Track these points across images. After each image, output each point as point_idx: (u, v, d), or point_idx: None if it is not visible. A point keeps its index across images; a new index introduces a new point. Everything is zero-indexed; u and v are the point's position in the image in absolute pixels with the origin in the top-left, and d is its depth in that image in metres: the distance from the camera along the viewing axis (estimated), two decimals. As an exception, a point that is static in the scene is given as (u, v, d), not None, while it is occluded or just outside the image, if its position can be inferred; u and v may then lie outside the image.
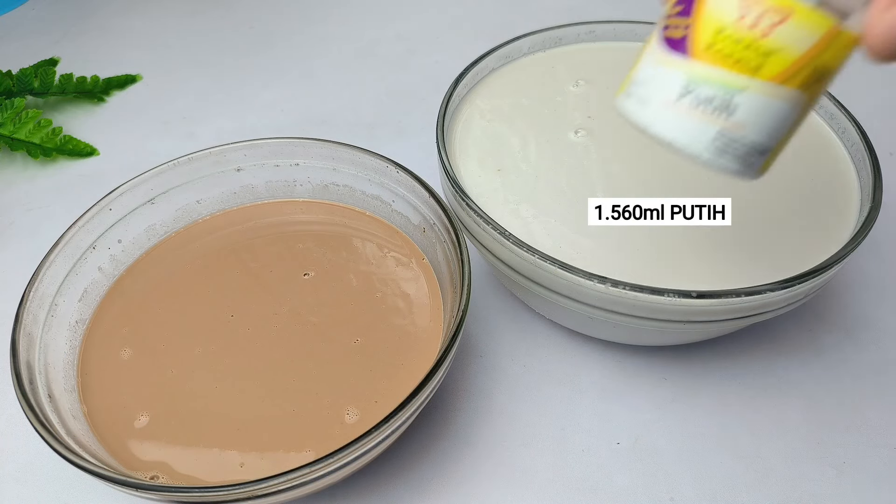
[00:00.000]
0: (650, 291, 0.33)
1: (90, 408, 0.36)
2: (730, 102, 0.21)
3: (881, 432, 0.39)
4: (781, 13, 0.20)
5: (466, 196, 0.38)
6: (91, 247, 0.40)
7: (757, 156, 0.23)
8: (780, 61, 0.21)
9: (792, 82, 0.21)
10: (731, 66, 0.21)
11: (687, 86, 0.21)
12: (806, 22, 0.20)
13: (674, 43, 0.22)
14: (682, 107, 0.22)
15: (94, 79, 0.64)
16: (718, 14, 0.21)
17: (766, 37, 0.20)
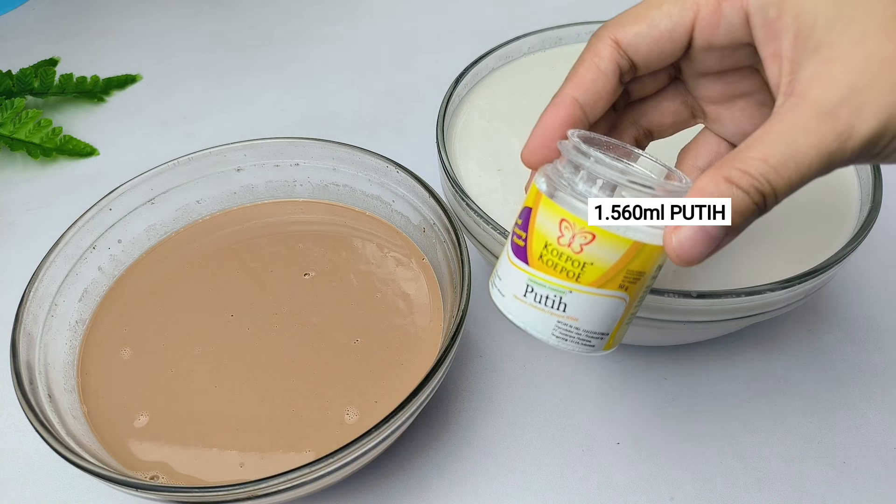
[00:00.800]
0: (651, 292, 0.33)
1: (90, 408, 0.36)
2: (561, 301, 0.26)
3: (881, 432, 0.39)
4: (588, 236, 0.24)
5: (466, 196, 0.38)
6: (91, 247, 0.40)
7: (596, 339, 0.27)
8: (593, 271, 0.25)
9: (608, 286, 0.25)
10: (557, 273, 0.25)
11: (529, 286, 0.26)
12: (608, 243, 0.24)
13: (517, 250, 0.27)
14: (528, 301, 0.26)
15: (94, 79, 0.64)
16: (543, 232, 0.25)
17: (579, 254, 0.25)
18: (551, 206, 0.25)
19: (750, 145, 0.23)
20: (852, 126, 0.22)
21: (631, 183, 0.24)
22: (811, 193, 0.40)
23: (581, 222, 0.24)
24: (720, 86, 0.28)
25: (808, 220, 0.38)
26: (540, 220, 0.26)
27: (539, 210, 0.26)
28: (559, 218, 0.25)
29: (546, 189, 0.26)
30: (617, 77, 0.27)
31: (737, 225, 0.23)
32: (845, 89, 0.22)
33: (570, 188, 0.25)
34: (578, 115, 0.27)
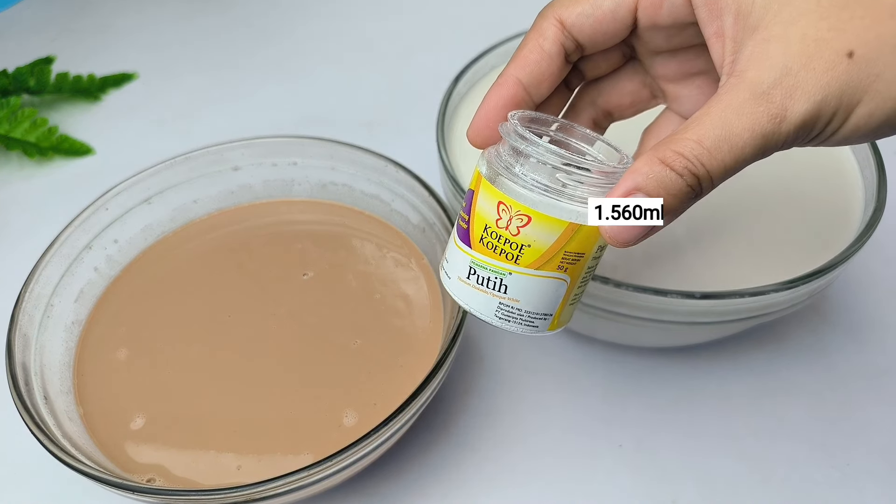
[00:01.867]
0: (653, 292, 0.32)
1: (86, 409, 0.36)
2: (501, 283, 0.26)
3: (885, 434, 0.39)
4: (523, 218, 0.25)
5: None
6: (87, 247, 0.40)
7: (539, 320, 0.27)
8: (531, 253, 0.25)
9: (547, 268, 0.26)
10: (497, 256, 0.26)
11: (471, 268, 0.27)
12: (544, 224, 0.24)
13: (461, 233, 0.27)
14: (471, 283, 0.27)
15: (91, 77, 0.64)
16: (483, 215, 0.26)
17: (516, 236, 0.25)
18: (490, 190, 0.25)
19: (687, 126, 0.22)
20: (785, 108, 0.21)
21: (566, 165, 0.24)
22: (815, 193, 0.40)
23: (517, 205, 0.25)
24: (675, 64, 0.28)
25: (813, 220, 0.38)
26: (480, 203, 0.26)
27: (479, 193, 0.26)
28: (497, 201, 0.25)
29: (486, 172, 0.26)
30: (562, 57, 0.27)
31: (672, 208, 0.23)
32: (779, 70, 0.21)
33: (507, 171, 0.25)
34: (522, 95, 0.27)
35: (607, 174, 0.25)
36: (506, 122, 0.26)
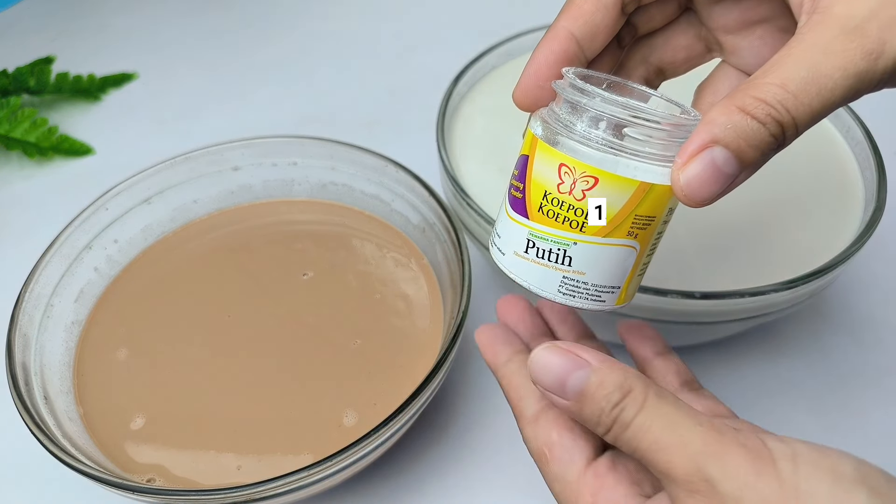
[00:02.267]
0: (653, 292, 0.32)
1: (86, 409, 0.36)
2: (565, 254, 0.24)
3: (886, 434, 0.39)
4: (590, 180, 0.22)
5: (467, 195, 0.37)
6: (87, 247, 0.40)
7: (607, 294, 0.25)
8: None
9: (615, 234, 0.23)
10: (559, 225, 0.23)
11: (530, 241, 0.24)
12: (612, 185, 0.22)
13: (515, 203, 0.25)
14: (530, 258, 0.24)
15: (91, 77, 0.64)
16: (542, 181, 0.23)
17: (582, 200, 0.23)
18: (549, 152, 0.23)
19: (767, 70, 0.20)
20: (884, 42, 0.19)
21: (634, 118, 0.22)
22: (815, 193, 0.40)
23: (582, 165, 0.22)
24: (737, 12, 0.26)
25: (813, 220, 0.38)
26: (537, 167, 0.23)
27: (536, 157, 0.23)
28: (558, 163, 0.23)
29: (542, 133, 0.23)
30: (618, 7, 0.24)
31: (751, 161, 0.21)
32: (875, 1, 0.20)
33: (567, 130, 0.23)
34: (574, 50, 0.25)
35: (679, 126, 0.22)
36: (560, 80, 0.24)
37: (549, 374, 0.23)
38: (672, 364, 0.28)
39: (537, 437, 0.25)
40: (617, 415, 0.22)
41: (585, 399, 0.22)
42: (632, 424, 0.21)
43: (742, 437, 0.21)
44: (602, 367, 0.23)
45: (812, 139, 0.43)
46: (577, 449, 0.24)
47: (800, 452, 0.20)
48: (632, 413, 0.22)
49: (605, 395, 0.22)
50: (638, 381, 0.22)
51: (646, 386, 0.22)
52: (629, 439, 0.22)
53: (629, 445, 0.22)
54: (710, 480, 0.20)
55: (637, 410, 0.21)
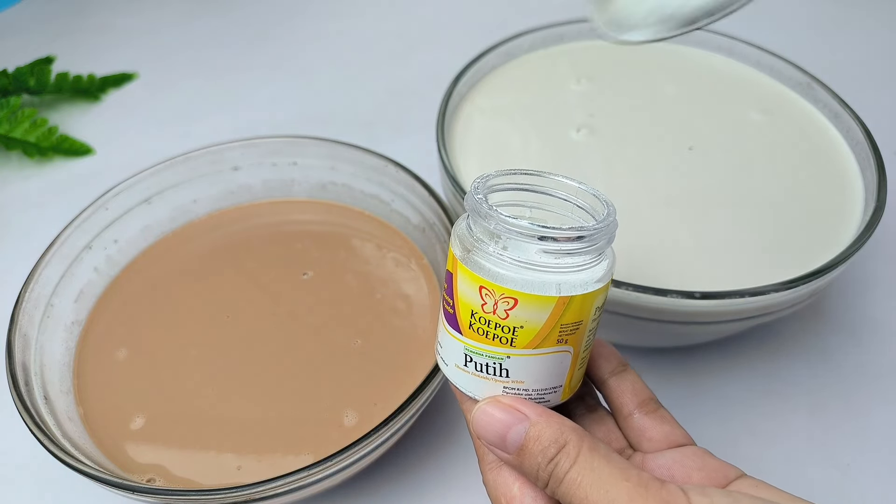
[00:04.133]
0: (653, 292, 0.32)
1: (86, 409, 0.36)
2: (501, 367, 0.24)
3: (886, 434, 0.39)
4: (509, 301, 0.23)
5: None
6: (87, 247, 0.40)
7: (550, 394, 0.25)
8: (525, 334, 0.23)
9: (545, 345, 0.24)
10: (490, 341, 0.24)
11: (467, 355, 0.25)
12: (532, 304, 0.23)
13: (449, 318, 0.25)
14: (470, 371, 0.25)
15: (91, 77, 0.64)
16: (467, 301, 0.24)
17: (506, 319, 0.23)
18: (467, 273, 0.23)
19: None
20: None
21: (542, 238, 0.22)
22: (816, 193, 0.40)
23: (499, 288, 0.23)
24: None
25: (813, 220, 0.38)
26: (461, 288, 0.24)
27: (458, 277, 0.24)
28: (478, 285, 0.23)
29: (460, 254, 0.24)
30: None
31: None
32: None
33: (481, 251, 0.23)
34: None
35: (590, 237, 0.23)
36: (470, 194, 0.24)
37: (490, 430, 0.24)
38: (628, 384, 0.28)
39: (497, 486, 0.25)
40: (552, 469, 0.23)
41: (524, 454, 0.23)
42: (565, 479, 0.22)
43: (665, 491, 0.21)
44: (539, 420, 0.23)
45: (812, 140, 0.43)
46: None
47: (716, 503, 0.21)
48: (565, 468, 0.22)
49: (542, 449, 0.23)
50: (573, 434, 0.23)
51: (580, 439, 0.23)
52: (563, 493, 0.22)
53: (564, 499, 0.23)
54: None
55: (570, 465, 0.22)
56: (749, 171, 0.41)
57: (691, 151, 0.42)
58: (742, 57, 0.48)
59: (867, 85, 0.61)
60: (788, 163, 0.41)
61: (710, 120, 0.44)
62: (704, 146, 0.42)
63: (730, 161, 0.41)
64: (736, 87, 0.47)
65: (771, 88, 0.47)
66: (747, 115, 0.44)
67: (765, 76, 0.47)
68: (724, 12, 0.25)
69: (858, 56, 0.66)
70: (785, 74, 0.46)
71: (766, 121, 0.44)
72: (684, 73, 0.48)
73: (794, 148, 0.42)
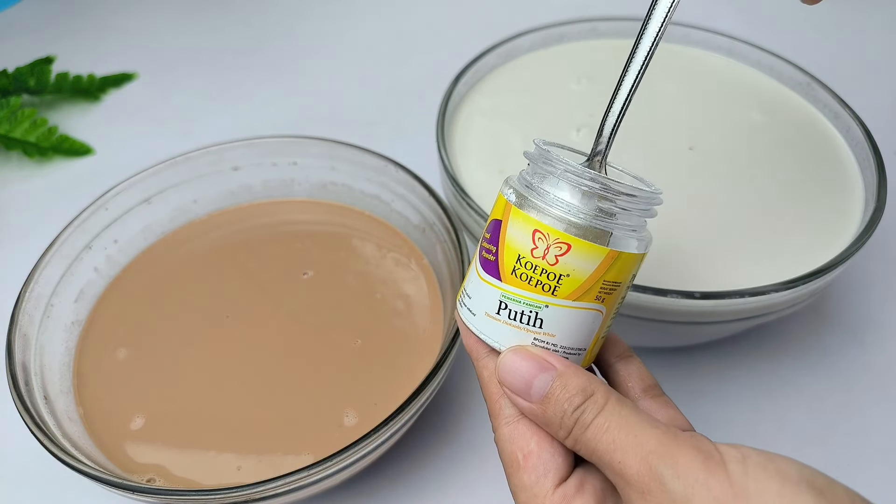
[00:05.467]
0: (653, 292, 0.32)
1: (86, 409, 0.35)
2: (536, 316, 0.25)
3: (886, 434, 0.39)
4: (563, 246, 0.23)
5: (467, 195, 0.37)
6: (87, 247, 0.40)
7: (574, 355, 0.26)
8: (569, 283, 0.24)
9: (585, 298, 0.24)
10: (532, 288, 0.24)
11: (501, 302, 0.25)
12: (584, 252, 0.23)
13: (488, 265, 0.25)
14: (501, 319, 0.25)
15: (91, 77, 0.64)
16: (516, 245, 0.24)
17: (554, 265, 0.24)
18: (523, 217, 0.24)
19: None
20: None
21: (604, 189, 0.24)
22: (815, 193, 0.40)
23: (556, 232, 0.23)
24: None
25: (813, 220, 0.38)
26: (511, 232, 0.24)
27: (510, 222, 0.24)
28: (532, 228, 0.24)
29: (515, 200, 0.25)
30: None
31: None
32: None
33: (541, 198, 0.24)
34: None
35: (644, 199, 0.24)
36: (537, 145, 0.25)
37: (516, 376, 0.24)
38: (634, 368, 0.28)
39: (513, 441, 0.25)
40: (578, 416, 0.23)
41: (549, 401, 0.23)
42: (591, 425, 0.22)
43: (695, 439, 0.22)
44: (567, 371, 0.24)
45: (812, 140, 0.43)
46: (554, 464, 0.24)
47: (749, 455, 0.21)
48: (592, 415, 0.23)
49: (569, 397, 0.23)
50: (601, 386, 0.23)
51: (607, 391, 0.23)
52: (588, 440, 0.22)
53: (588, 447, 0.23)
54: (661, 479, 0.21)
55: (597, 412, 0.23)
56: (749, 171, 0.41)
57: (691, 151, 0.42)
58: (742, 57, 0.48)
59: (867, 85, 0.61)
60: (788, 163, 0.41)
61: (710, 120, 0.44)
62: (704, 146, 0.42)
63: (730, 161, 0.41)
64: (736, 87, 0.47)
65: (771, 88, 0.47)
66: (747, 115, 0.44)
67: (765, 76, 0.47)
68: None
69: (858, 56, 0.66)
70: (785, 74, 0.46)
71: (766, 121, 0.44)
72: (684, 73, 0.48)
73: (794, 148, 0.42)
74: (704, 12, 0.56)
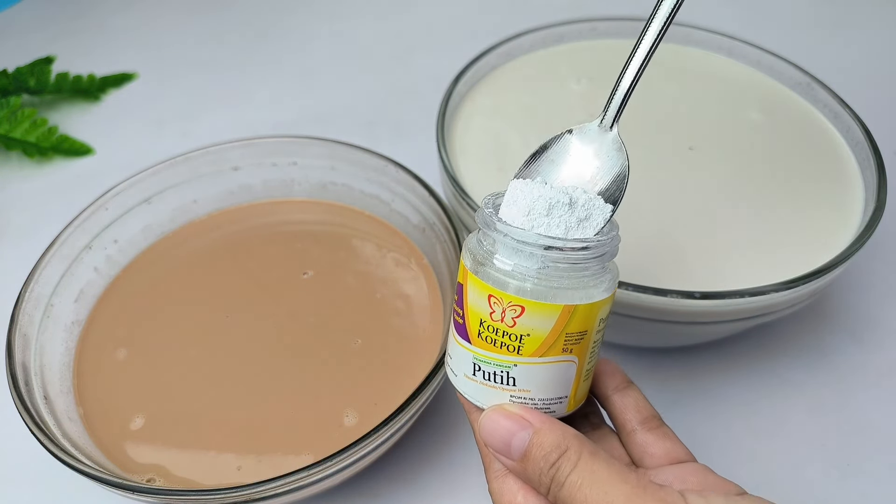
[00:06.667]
0: (653, 292, 0.32)
1: (86, 409, 0.36)
2: (508, 375, 0.25)
3: (885, 434, 0.39)
4: (516, 308, 0.24)
5: (467, 195, 0.37)
6: (87, 247, 0.40)
7: (555, 404, 0.26)
8: (532, 342, 0.24)
9: (551, 353, 0.24)
10: (497, 349, 0.25)
11: (475, 364, 0.25)
12: (538, 312, 0.23)
13: (459, 328, 0.26)
14: (478, 380, 0.26)
15: (91, 77, 0.64)
16: (476, 310, 0.25)
17: (513, 327, 0.24)
18: (477, 283, 0.24)
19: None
20: None
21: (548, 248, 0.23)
22: (815, 193, 0.40)
23: (507, 296, 0.24)
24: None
25: (813, 220, 0.38)
26: (471, 297, 0.25)
27: (468, 286, 0.25)
28: (487, 293, 0.24)
29: (470, 265, 0.25)
30: None
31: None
32: None
33: (490, 261, 0.24)
34: None
35: (597, 249, 0.24)
36: (480, 209, 0.25)
37: (496, 437, 0.24)
38: (630, 400, 0.28)
39: (503, 494, 0.25)
40: (554, 474, 0.23)
41: (528, 459, 0.24)
42: (566, 482, 0.23)
43: (663, 492, 0.22)
44: (542, 427, 0.24)
45: (812, 140, 0.43)
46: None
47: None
48: (566, 472, 0.23)
49: (544, 455, 0.23)
50: (574, 440, 0.24)
51: (580, 445, 0.24)
52: (564, 497, 0.23)
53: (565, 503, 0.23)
54: None
55: (570, 469, 0.23)
56: (749, 171, 0.41)
57: (691, 151, 0.42)
58: (742, 57, 0.48)
59: (867, 85, 0.61)
60: (788, 163, 0.41)
61: (710, 120, 0.44)
62: (704, 146, 0.42)
63: (730, 161, 0.41)
64: (736, 87, 0.47)
65: (771, 88, 0.47)
66: (747, 115, 0.44)
67: (765, 76, 0.47)
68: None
69: (858, 56, 0.66)
70: (785, 74, 0.46)
71: (766, 121, 0.44)
72: (684, 73, 0.48)
73: (794, 148, 0.42)
74: (704, 12, 0.56)
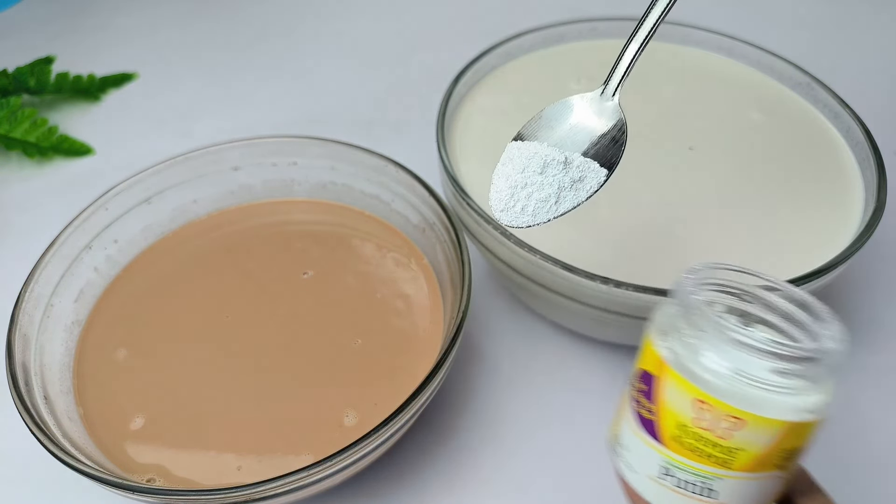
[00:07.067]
0: (653, 292, 0.32)
1: (86, 409, 0.36)
2: (709, 488, 0.22)
3: (886, 434, 0.39)
4: (734, 421, 0.21)
5: (467, 195, 0.37)
6: (87, 247, 0.40)
7: None
8: (745, 457, 0.21)
9: (762, 469, 0.22)
10: (701, 459, 0.22)
11: (666, 468, 0.22)
12: (761, 427, 0.21)
13: (645, 422, 0.23)
14: (667, 485, 0.23)
15: (91, 77, 0.64)
16: (676, 411, 0.21)
17: (727, 439, 0.21)
18: (681, 383, 0.21)
19: None
20: None
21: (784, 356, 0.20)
22: (815, 193, 0.40)
23: (724, 406, 0.20)
24: None
25: (813, 220, 0.38)
26: (669, 395, 0.21)
27: (666, 384, 0.22)
28: (692, 397, 0.21)
29: (667, 356, 0.21)
30: None
31: None
32: None
33: (696, 356, 0.21)
34: None
35: (830, 358, 0.21)
36: (683, 292, 0.22)
37: None
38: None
39: None
40: None
41: None
42: None
43: None
44: None
45: (812, 140, 0.43)
46: None
47: None
48: None
49: None
50: None
51: None
52: None
53: None
54: None
55: None
56: (749, 171, 0.41)
57: (691, 151, 0.42)
58: (742, 57, 0.48)
59: (867, 85, 0.61)
60: (788, 163, 0.41)
61: (710, 120, 0.44)
62: (704, 146, 0.42)
63: (730, 161, 0.41)
64: (736, 87, 0.47)
65: (771, 88, 0.47)
66: (747, 115, 0.44)
67: (765, 76, 0.47)
68: None
69: (858, 56, 0.66)
70: (785, 74, 0.46)
71: (766, 121, 0.44)
72: (684, 73, 0.48)
73: (794, 148, 0.42)
74: (704, 12, 0.56)
